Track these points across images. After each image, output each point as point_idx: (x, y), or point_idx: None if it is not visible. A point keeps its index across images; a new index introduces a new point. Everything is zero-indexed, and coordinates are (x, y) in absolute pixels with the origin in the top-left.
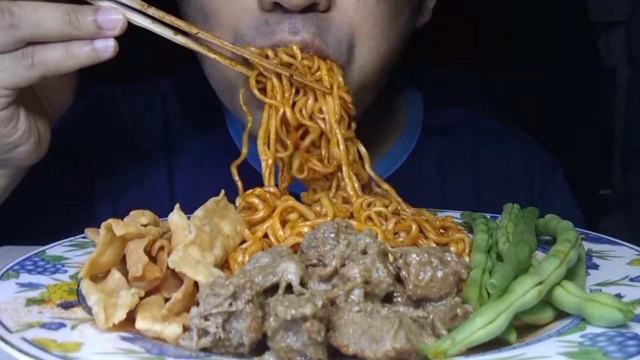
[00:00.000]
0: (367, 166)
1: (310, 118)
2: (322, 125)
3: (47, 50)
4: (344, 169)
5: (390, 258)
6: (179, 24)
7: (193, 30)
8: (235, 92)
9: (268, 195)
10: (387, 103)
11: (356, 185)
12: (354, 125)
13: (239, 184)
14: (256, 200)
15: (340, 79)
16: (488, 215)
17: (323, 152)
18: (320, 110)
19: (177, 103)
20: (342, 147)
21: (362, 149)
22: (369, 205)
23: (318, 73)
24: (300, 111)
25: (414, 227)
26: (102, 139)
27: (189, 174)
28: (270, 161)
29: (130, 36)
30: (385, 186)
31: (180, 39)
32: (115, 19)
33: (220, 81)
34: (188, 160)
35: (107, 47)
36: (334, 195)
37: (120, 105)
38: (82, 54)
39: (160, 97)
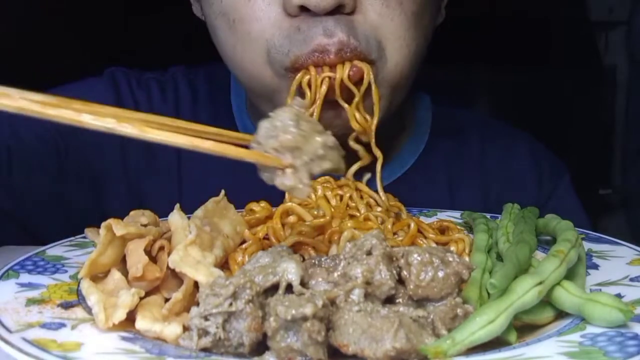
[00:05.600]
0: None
1: None
2: None
3: None
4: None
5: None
6: None
7: None
8: (276, 97)
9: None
10: (399, 106)
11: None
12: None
13: None
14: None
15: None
16: (488, 215)
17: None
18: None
19: (187, 92)
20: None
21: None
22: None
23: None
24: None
25: (413, 224)
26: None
27: (196, 166)
28: None
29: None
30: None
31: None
32: None
33: (257, 89)
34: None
35: None
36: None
37: (134, 89)
38: None
39: (172, 85)
